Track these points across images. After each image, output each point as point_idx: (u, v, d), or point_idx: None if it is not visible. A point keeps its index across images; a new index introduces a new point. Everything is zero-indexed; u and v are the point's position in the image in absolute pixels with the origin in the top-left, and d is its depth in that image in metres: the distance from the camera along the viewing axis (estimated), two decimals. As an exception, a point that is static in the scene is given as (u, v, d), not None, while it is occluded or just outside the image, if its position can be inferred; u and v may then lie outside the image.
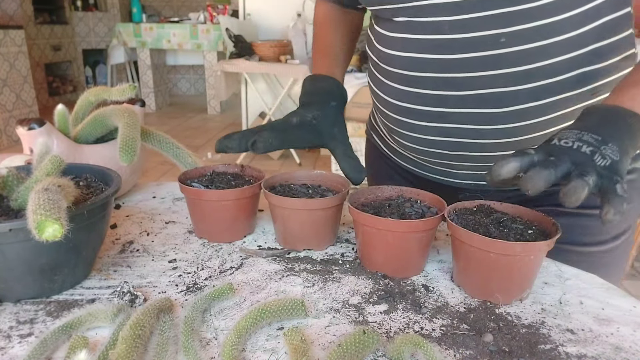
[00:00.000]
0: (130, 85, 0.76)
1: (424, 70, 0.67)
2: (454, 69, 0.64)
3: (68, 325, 0.47)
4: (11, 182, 0.54)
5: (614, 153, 0.49)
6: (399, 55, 0.70)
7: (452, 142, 0.70)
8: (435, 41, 0.64)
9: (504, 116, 0.65)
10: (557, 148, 0.50)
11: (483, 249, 0.53)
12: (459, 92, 0.65)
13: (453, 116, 0.68)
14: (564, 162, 0.48)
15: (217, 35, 5.06)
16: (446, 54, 0.64)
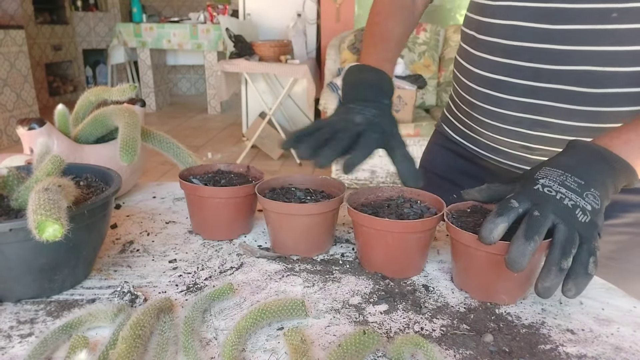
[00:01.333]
0: (130, 85, 0.76)
1: (523, 39, 0.66)
2: (554, 40, 0.63)
3: (68, 325, 0.47)
4: (11, 182, 0.54)
5: (595, 200, 0.50)
6: (500, 23, 0.69)
7: (536, 120, 0.69)
8: (542, 9, 0.63)
9: (597, 98, 0.63)
10: (539, 196, 0.51)
11: (487, 251, 0.53)
12: (555, 66, 0.64)
13: (544, 92, 0.66)
14: (546, 218, 0.49)
15: (217, 35, 5.07)
16: (550, 24, 0.63)
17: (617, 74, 0.61)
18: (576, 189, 0.51)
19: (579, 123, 0.66)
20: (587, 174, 0.52)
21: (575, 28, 0.61)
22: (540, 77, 0.66)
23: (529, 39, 0.66)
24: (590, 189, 0.51)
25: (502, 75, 0.70)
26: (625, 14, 0.58)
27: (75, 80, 6.13)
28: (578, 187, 0.51)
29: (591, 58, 0.62)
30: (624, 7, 0.58)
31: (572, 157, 0.54)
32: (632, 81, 0.61)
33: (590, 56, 0.62)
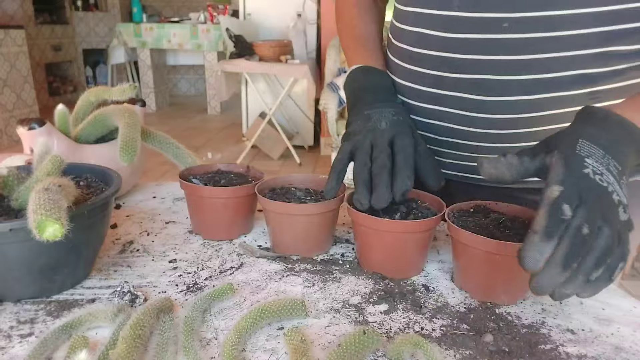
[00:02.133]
0: (130, 85, 0.76)
1: (426, 47, 0.67)
2: (453, 49, 0.64)
3: (68, 325, 0.47)
4: (12, 181, 0.54)
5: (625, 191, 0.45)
6: (409, 30, 0.70)
7: (443, 126, 0.70)
8: (443, 17, 0.64)
9: (494, 105, 0.64)
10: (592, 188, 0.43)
11: (489, 251, 0.53)
12: (454, 74, 0.65)
13: (446, 99, 0.67)
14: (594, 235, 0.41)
15: (218, 35, 5.07)
16: (449, 33, 0.64)
17: (511, 82, 0.62)
18: (617, 177, 0.45)
19: (480, 129, 0.67)
20: (623, 158, 0.46)
21: (471, 37, 0.62)
22: (442, 85, 0.67)
23: (432, 47, 0.67)
24: (623, 177, 0.45)
25: (410, 82, 0.72)
26: (516, 25, 0.59)
27: (75, 81, 6.13)
28: (618, 174, 0.45)
29: (486, 67, 0.62)
30: (515, 17, 0.59)
31: (606, 132, 0.48)
32: (525, 89, 0.62)
33: (484, 65, 0.62)
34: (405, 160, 0.60)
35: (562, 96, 0.61)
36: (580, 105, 0.61)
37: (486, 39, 0.61)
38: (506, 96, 0.63)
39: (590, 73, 0.60)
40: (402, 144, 0.61)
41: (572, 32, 0.58)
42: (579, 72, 0.60)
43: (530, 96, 0.62)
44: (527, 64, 0.61)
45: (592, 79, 0.60)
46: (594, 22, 0.57)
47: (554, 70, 0.60)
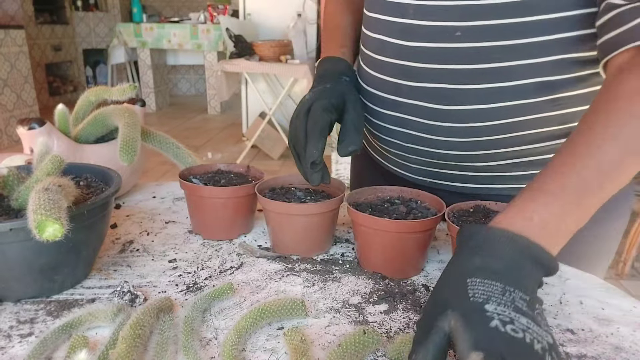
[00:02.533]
0: (130, 85, 0.76)
1: (385, 54, 0.67)
2: (409, 57, 0.64)
3: (68, 324, 0.47)
4: (11, 181, 0.54)
5: (543, 324, 0.38)
6: (370, 35, 0.71)
7: (405, 133, 0.70)
8: (399, 25, 0.64)
9: (451, 114, 0.64)
10: (508, 344, 0.35)
11: None
12: (411, 82, 0.65)
13: (406, 107, 0.67)
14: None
15: (218, 35, 5.07)
16: (405, 41, 0.64)
17: (469, 91, 0.61)
18: (530, 312, 0.38)
19: (442, 138, 0.66)
20: (526, 282, 0.40)
21: (426, 46, 0.62)
22: (401, 93, 0.67)
23: (390, 54, 0.67)
24: (536, 306, 0.39)
25: (373, 88, 0.72)
26: (469, 33, 0.59)
27: (75, 81, 6.13)
28: (529, 308, 0.38)
29: (441, 76, 0.62)
30: (467, 26, 0.59)
31: (494, 257, 0.41)
32: (484, 98, 0.61)
33: (440, 74, 0.62)
34: (312, 130, 0.60)
35: (523, 104, 0.60)
36: (543, 112, 0.61)
37: (440, 47, 0.61)
38: (465, 105, 0.62)
39: (551, 80, 0.59)
40: (313, 113, 0.62)
41: (528, 40, 0.57)
42: (539, 80, 0.59)
43: (491, 105, 0.61)
44: (484, 72, 0.60)
45: (553, 87, 0.59)
46: (551, 29, 0.56)
47: (512, 78, 0.59)
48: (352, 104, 0.66)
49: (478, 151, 0.65)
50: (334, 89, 0.66)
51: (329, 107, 0.62)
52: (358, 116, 0.65)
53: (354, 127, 0.63)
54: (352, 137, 0.62)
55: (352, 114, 0.64)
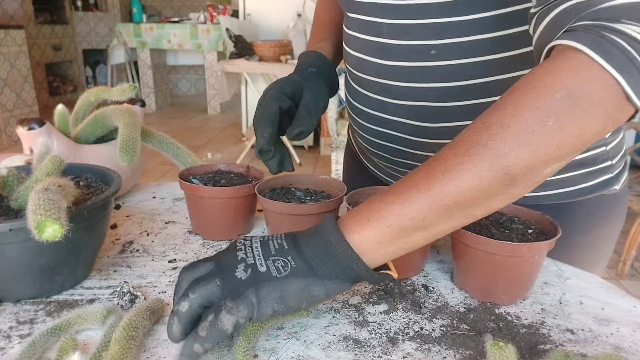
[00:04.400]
0: (130, 85, 0.76)
1: (368, 73, 0.68)
2: (388, 76, 0.64)
3: (57, 327, 0.46)
4: (11, 182, 0.54)
5: (284, 267, 0.44)
6: (351, 53, 0.71)
7: (393, 148, 0.70)
8: (376, 44, 0.64)
9: (437, 131, 0.64)
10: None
11: (488, 251, 0.53)
12: (394, 100, 0.65)
13: (391, 123, 0.68)
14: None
15: (218, 35, 5.07)
16: (383, 60, 0.64)
17: (452, 108, 0.61)
18: (270, 250, 0.45)
19: (428, 153, 0.66)
20: (304, 249, 0.45)
21: (404, 65, 0.62)
22: (385, 110, 0.67)
23: (370, 72, 0.67)
24: (288, 257, 0.44)
25: (360, 104, 0.72)
26: (443, 51, 0.59)
27: (75, 80, 6.13)
28: (278, 250, 0.45)
29: (423, 94, 0.62)
30: (441, 44, 0.59)
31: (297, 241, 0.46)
32: (467, 114, 0.61)
33: (422, 92, 0.62)
34: (260, 119, 0.62)
35: None
36: None
37: (417, 66, 0.61)
38: (448, 122, 0.62)
39: None
40: (263, 102, 0.64)
41: (504, 55, 0.57)
42: None
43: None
44: (464, 89, 0.60)
45: None
46: (527, 42, 0.55)
47: (492, 94, 0.59)
48: (309, 90, 0.66)
49: None
50: (291, 79, 0.68)
51: (279, 96, 0.64)
52: (313, 100, 0.65)
53: (305, 111, 0.64)
54: (302, 120, 0.63)
55: (306, 99, 0.65)
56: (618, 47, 0.39)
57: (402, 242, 0.45)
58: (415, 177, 0.45)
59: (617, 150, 0.68)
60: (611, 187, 0.68)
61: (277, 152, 0.64)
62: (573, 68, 0.40)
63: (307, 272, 0.43)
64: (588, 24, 0.41)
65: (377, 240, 0.44)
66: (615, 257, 2.22)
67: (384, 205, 0.44)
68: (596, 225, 0.71)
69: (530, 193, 0.67)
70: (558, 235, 0.54)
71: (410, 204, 0.43)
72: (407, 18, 0.60)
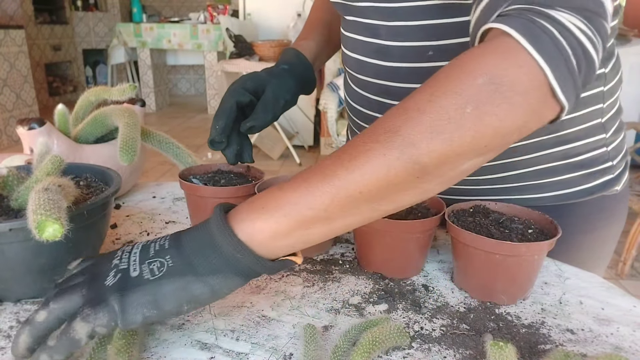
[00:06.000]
0: (130, 85, 0.76)
1: (366, 74, 0.68)
2: (387, 77, 0.64)
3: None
4: (11, 181, 0.54)
5: (159, 269, 0.41)
6: (349, 55, 0.71)
7: None
8: (374, 45, 0.65)
9: None
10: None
11: (488, 250, 0.53)
12: (394, 101, 0.65)
13: None
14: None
15: (218, 35, 5.07)
16: (382, 61, 0.64)
17: None
18: (148, 253, 0.42)
19: None
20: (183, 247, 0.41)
21: (402, 66, 0.62)
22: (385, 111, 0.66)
23: (369, 73, 0.67)
24: (166, 257, 0.41)
25: (359, 106, 0.72)
26: (440, 52, 0.59)
27: (75, 81, 6.13)
28: (157, 251, 0.42)
29: None
30: (438, 45, 0.59)
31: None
32: None
33: None
34: (216, 112, 0.65)
35: None
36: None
37: (415, 67, 0.61)
38: None
39: None
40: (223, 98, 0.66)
41: None
42: None
43: None
44: None
45: None
46: None
47: None
48: (272, 86, 0.68)
49: None
50: (256, 75, 0.69)
51: (238, 90, 0.66)
52: (273, 97, 0.67)
53: (262, 106, 0.66)
54: (256, 115, 0.65)
55: (266, 95, 0.67)
56: (548, 35, 0.37)
57: (299, 234, 0.40)
58: (324, 163, 0.41)
59: (618, 151, 0.68)
60: (612, 188, 0.68)
61: (234, 143, 0.66)
62: (499, 53, 0.37)
63: (184, 270, 0.40)
64: (521, 8, 0.39)
65: (272, 231, 0.40)
66: (615, 257, 2.22)
67: (282, 193, 0.40)
68: (597, 226, 0.71)
69: (530, 194, 0.67)
70: (558, 235, 0.54)
71: (311, 192, 0.39)
72: (403, 20, 0.60)
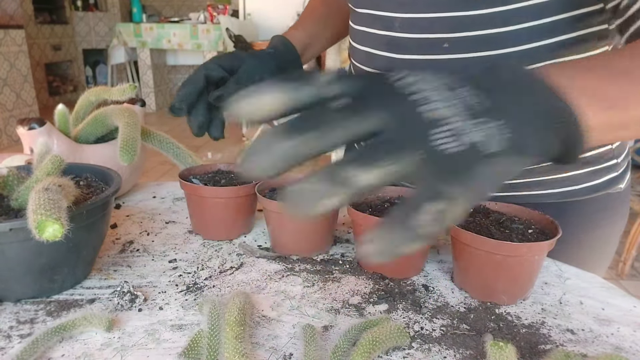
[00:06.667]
0: (130, 85, 0.76)
1: (376, 67, 0.68)
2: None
3: (61, 327, 0.46)
4: (11, 181, 0.54)
5: (502, 135, 0.29)
6: (358, 48, 0.71)
7: None
8: (386, 38, 0.65)
9: None
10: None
11: (488, 251, 0.53)
12: None
13: None
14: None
15: (218, 35, 5.06)
16: (394, 53, 0.64)
17: None
18: (474, 107, 0.29)
19: None
20: (509, 101, 0.31)
21: (415, 58, 0.62)
22: None
23: (379, 66, 0.67)
24: (501, 120, 0.29)
25: None
26: (456, 44, 0.59)
27: (75, 80, 6.13)
28: (481, 107, 0.29)
29: None
30: (454, 37, 0.59)
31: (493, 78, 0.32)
32: None
33: None
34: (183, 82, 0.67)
35: None
36: None
37: (428, 59, 0.61)
38: None
39: None
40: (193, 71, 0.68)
41: (515, 49, 0.57)
42: None
43: None
44: None
45: None
46: (537, 36, 0.56)
47: None
48: (247, 64, 0.69)
49: None
50: (234, 53, 0.71)
51: (208, 65, 0.67)
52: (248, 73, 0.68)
53: (234, 80, 0.67)
54: (226, 86, 0.66)
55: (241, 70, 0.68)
56: None
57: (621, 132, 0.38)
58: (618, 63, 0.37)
59: (622, 149, 0.69)
60: (616, 186, 0.68)
61: (199, 115, 0.67)
62: None
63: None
64: None
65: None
66: (616, 257, 2.22)
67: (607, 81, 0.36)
68: (600, 225, 0.71)
69: (536, 191, 0.68)
70: (558, 235, 0.54)
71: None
72: (419, 12, 0.60)
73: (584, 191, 0.67)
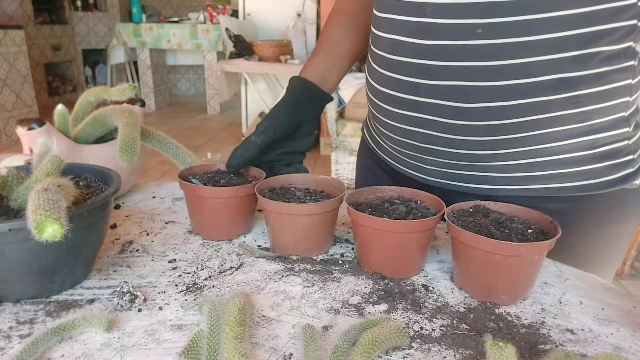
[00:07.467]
0: (130, 85, 0.76)
1: (402, 54, 0.67)
2: (428, 56, 0.64)
3: (61, 327, 0.46)
4: (11, 182, 0.54)
5: None
6: (383, 36, 0.70)
7: (423, 133, 0.69)
8: (416, 24, 0.64)
9: (471, 112, 0.63)
10: None
11: (488, 251, 0.53)
12: (430, 81, 0.65)
13: (424, 106, 0.67)
14: None
15: (217, 35, 5.07)
16: (424, 39, 0.64)
17: (487, 88, 0.61)
18: None
19: (461, 137, 0.66)
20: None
21: (445, 44, 0.62)
22: (419, 92, 0.67)
23: (407, 53, 0.67)
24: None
25: (388, 89, 0.72)
26: (489, 30, 0.59)
27: (74, 80, 6.13)
28: None
29: (461, 74, 0.62)
30: (488, 23, 0.58)
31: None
32: (503, 95, 0.61)
33: (459, 72, 0.62)
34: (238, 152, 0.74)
35: (541, 101, 0.60)
36: (562, 110, 0.61)
37: (460, 45, 0.61)
38: (484, 102, 0.62)
39: (570, 77, 0.59)
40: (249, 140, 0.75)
41: (547, 36, 0.57)
42: (557, 77, 0.59)
43: (509, 102, 0.61)
44: (503, 69, 0.60)
45: (572, 83, 0.60)
46: (569, 25, 0.57)
47: (531, 75, 0.59)
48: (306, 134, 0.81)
49: (496, 150, 0.65)
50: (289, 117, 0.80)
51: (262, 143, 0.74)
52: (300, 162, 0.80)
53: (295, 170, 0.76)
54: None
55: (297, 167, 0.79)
56: None
57: None
58: None
59: (638, 145, 0.69)
60: (632, 182, 0.68)
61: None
62: None
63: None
64: None
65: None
66: (615, 257, 2.22)
67: None
68: (616, 221, 0.71)
69: (555, 184, 0.68)
70: (558, 235, 0.54)
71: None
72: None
73: (600, 185, 0.67)
